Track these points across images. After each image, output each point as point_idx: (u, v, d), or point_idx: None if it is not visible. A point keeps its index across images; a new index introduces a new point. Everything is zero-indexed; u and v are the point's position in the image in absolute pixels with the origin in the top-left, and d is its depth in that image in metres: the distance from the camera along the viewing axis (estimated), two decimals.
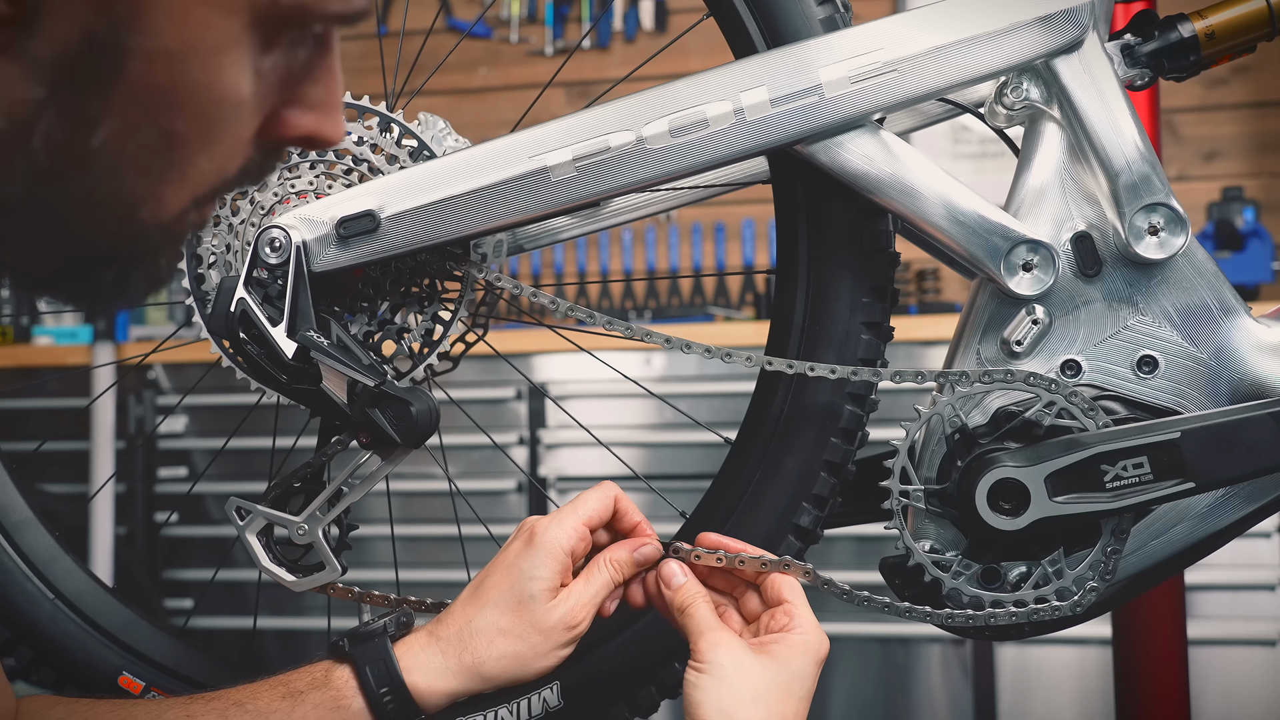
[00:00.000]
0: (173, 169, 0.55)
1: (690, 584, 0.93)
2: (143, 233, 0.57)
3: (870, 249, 1.01)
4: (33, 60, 0.49)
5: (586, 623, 0.93)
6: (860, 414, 1.03)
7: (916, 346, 2.61)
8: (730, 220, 3.41)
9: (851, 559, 2.64)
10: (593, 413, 2.78)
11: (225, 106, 0.54)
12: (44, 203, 0.54)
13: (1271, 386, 0.98)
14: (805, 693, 0.87)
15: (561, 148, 0.97)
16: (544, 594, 0.91)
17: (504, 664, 0.92)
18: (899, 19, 0.96)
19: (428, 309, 1.06)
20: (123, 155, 0.53)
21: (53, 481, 2.98)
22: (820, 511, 1.03)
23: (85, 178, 0.53)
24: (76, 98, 0.51)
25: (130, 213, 0.56)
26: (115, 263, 0.59)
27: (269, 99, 0.56)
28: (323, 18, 0.56)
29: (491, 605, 0.92)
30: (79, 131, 0.52)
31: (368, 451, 1.03)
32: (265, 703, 0.90)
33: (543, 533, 0.93)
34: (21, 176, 0.52)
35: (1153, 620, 1.36)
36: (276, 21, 0.54)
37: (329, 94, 0.59)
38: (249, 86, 0.55)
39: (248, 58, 0.54)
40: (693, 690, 0.85)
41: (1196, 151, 3.23)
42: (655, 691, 1.04)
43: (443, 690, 0.92)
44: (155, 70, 0.51)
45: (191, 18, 0.51)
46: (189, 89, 0.53)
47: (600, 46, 3.52)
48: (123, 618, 1.11)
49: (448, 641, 0.92)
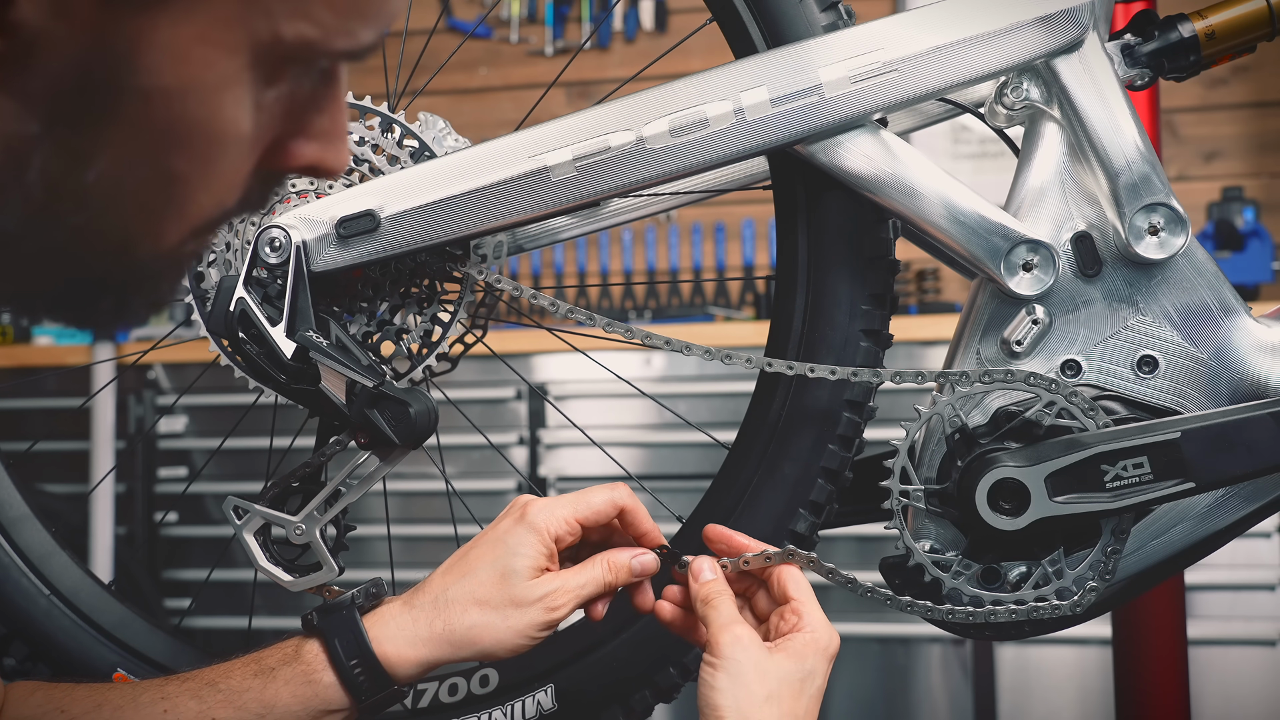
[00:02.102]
0: (171, 205, 0.54)
1: (719, 580, 0.92)
2: (141, 264, 0.56)
3: (870, 256, 1.01)
4: (26, 95, 0.48)
5: (566, 610, 0.91)
6: (858, 421, 1.03)
7: (916, 346, 2.61)
8: (730, 220, 3.40)
9: (851, 559, 2.64)
10: (593, 413, 2.78)
11: (226, 143, 0.53)
12: (39, 236, 0.53)
13: (1271, 386, 0.98)
14: (816, 690, 0.87)
15: (561, 148, 0.97)
16: (528, 570, 0.90)
17: (475, 633, 0.90)
18: (899, 19, 0.96)
19: (427, 310, 1.06)
20: (119, 191, 0.52)
21: (53, 481, 2.98)
22: (816, 518, 1.03)
23: (80, 213, 0.52)
24: (71, 133, 0.50)
25: (127, 246, 0.55)
26: (114, 290, 0.58)
27: (271, 130, 0.55)
28: (329, 55, 0.54)
29: (473, 575, 0.91)
30: (73, 167, 0.51)
31: (366, 452, 1.03)
32: (238, 681, 0.90)
33: (534, 514, 0.92)
34: (15, 210, 0.51)
35: (1153, 620, 1.36)
36: (280, 58, 0.52)
37: (334, 124, 0.58)
38: (250, 122, 0.53)
39: (249, 93, 0.52)
40: (709, 690, 0.85)
41: (1196, 151, 3.22)
42: (650, 695, 1.04)
43: (413, 658, 0.90)
44: (153, 108, 0.50)
45: (192, 56, 0.49)
46: (188, 127, 0.51)
47: (600, 46, 3.52)
48: (119, 615, 1.11)
49: (421, 609, 0.91)
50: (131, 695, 0.90)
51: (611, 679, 1.03)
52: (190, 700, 0.89)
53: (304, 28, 0.51)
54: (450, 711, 0.98)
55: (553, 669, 1.04)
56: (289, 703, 0.89)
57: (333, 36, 0.53)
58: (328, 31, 0.52)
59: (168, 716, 0.88)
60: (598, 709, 1.03)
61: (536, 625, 0.90)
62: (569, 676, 1.00)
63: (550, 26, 3.52)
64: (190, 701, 0.89)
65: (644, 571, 0.94)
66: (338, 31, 0.53)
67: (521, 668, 1.04)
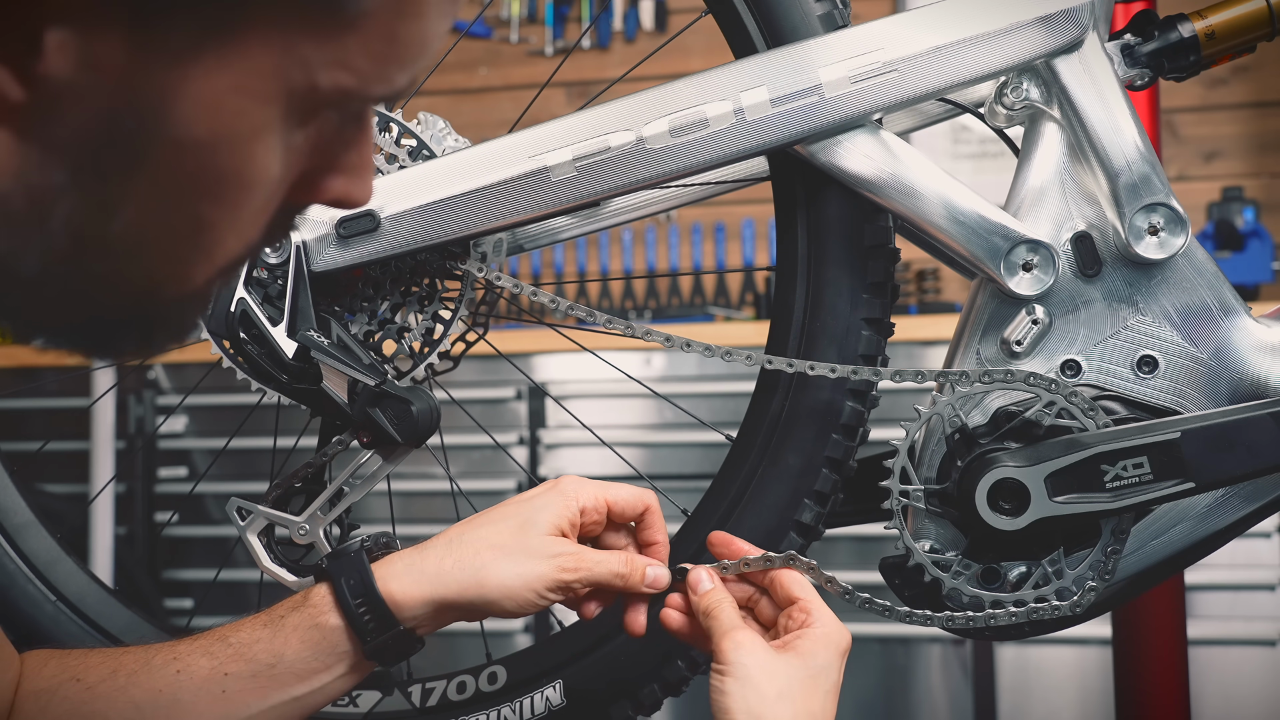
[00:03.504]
0: (199, 250, 0.53)
1: (718, 589, 0.92)
2: (166, 304, 0.55)
3: (870, 244, 1.01)
4: (52, 144, 0.47)
5: (576, 577, 0.90)
6: (861, 410, 1.03)
7: (916, 346, 2.61)
8: (730, 220, 3.41)
9: (851, 559, 2.64)
10: (593, 412, 2.78)
11: (256, 189, 0.52)
12: (62, 281, 0.52)
13: (1271, 386, 0.98)
14: (831, 686, 0.86)
15: (561, 148, 0.97)
16: (548, 525, 0.90)
17: (483, 574, 0.88)
18: (899, 19, 0.96)
19: (428, 308, 1.06)
20: (145, 239, 0.51)
21: (53, 482, 2.98)
22: (822, 508, 1.03)
23: (105, 260, 0.51)
24: (98, 183, 0.49)
25: (153, 291, 0.54)
26: (137, 326, 0.57)
27: (298, 167, 0.54)
28: (365, 100, 0.53)
29: (491, 524, 0.91)
30: (100, 217, 0.49)
31: (368, 451, 1.03)
32: (247, 633, 0.89)
33: (566, 482, 0.93)
34: (39, 257, 0.50)
35: (1153, 620, 1.36)
36: (314, 105, 0.51)
37: (361, 159, 0.57)
38: (281, 166, 0.52)
39: (280, 138, 0.51)
40: (720, 696, 0.84)
41: (1196, 151, 3.22)
42: (658, 689, 1.04)
43: (418, 596, 0.89)
44: (183, 158, 0.49)
45: (225, 107, 0.48)
46: (219, 175, 0.50)
47: (600, 46, 3.52)
48: (125, 620, 1.11)
49: (433, 548, 0.90)
50: (144, 659, 0.89)
51: (620, 674, 1.03)
52: (202, 658, 0.89)
53: (341, 77, 0.50)
54: (459, 709, 0.97)
55: (561, 665, 1.04)
56: (298, 649, 0.88)
57: (370, 84, 0.52)
58: (365, 80, 0.51)
59: (180, 676, 0.88)
60: (606, 704, 1.03)
61: (545, 580, 0.89)
62: (577, 672, 1.00)
63: (550, 26, 3.52)
64: (202, 659, 0.89)
65: (655, 583, 0.93)
66: (375, 79, 0.52)
67: (530, 664, 1.04)
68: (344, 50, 0.50)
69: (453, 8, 0.53)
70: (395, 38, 0.51)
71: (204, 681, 0.88)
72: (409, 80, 0.54)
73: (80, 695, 0.88)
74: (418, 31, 0.52)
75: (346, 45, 0.49)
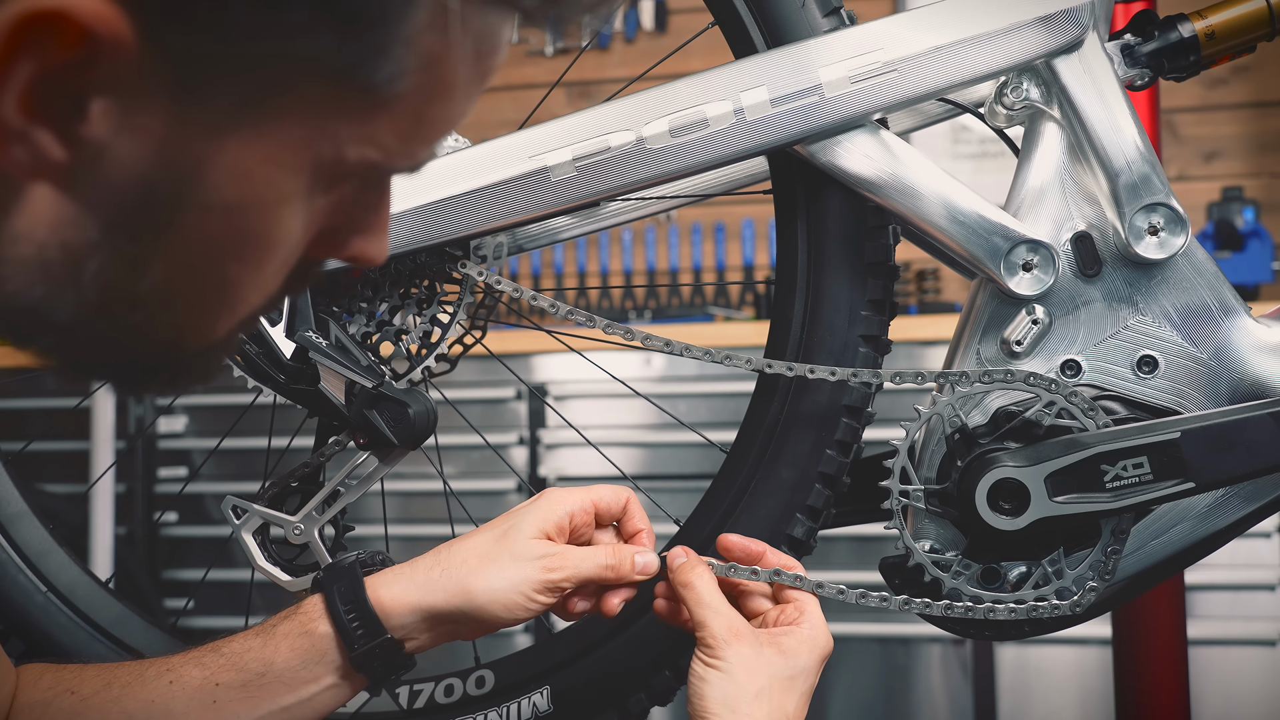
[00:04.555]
0: (223, 306, 0.56)
1: (693, 561, 0.92)
2: (190, 354, 0.58)
3: (870, 261, 1.01)
4: (89, 203, 0.49)
5: (562, 576, 0.90)
6: (856, 426, 1.02)
7: (916, 346, 2.61)
8: (730, 220, 3.40)
9: (851, 559, 2.63)
10: (593, 413, 2.78)
11: (279, 249, 0.54)
12: (93, 329, 0.54)
13: (1271, 386, 0.98)
14: (807, 689, 0.88)
15: (561, 148, 0.97)
16: (531, 528, 0.91)
17: (471, 580, 0.89)
18: (899, 19, 0.96)
19: (426, 311, 1.06)
20: (173, 294, 0.53)
21: (53, 481, 2.98)
22: (814, 523, 1.03)
23: (133, 313, 0.54)
24: (129, 242, 0.51)
25: (179, 341, 0.57)
26: (165, 370, 0.60)
27: (318, 226, 0.56)
28: (389, 172, 0.56)
29: (479, 535, 0.92)
30: (130, 274, 0.52)
31: (365, 452, 1.02)
32: (240, 643, 0.90)
33: (549, 492, 0.94)
34: (72, 306, 0.52)
35: (1153, 620, 1.36)
36: (340, 175, 0.54)
37: (379, 220, 0.59)
38: (303, 228, 0.55)
39: (305, 204, 0.54)
40: (699, 682, 0.86)
41: (1196, 151, 3.22)
42: (645, 698, 1.04)
43: (407, 602, 0.90)
44: (213, 221, 0.51)
45: (255, 176, 0.50)
46: (245, 238, 0.53)
47: (600, 46, 3.52)
48: (116, 612, 1.11)
49: (422, 561, 0.92)
50: (138, 671, 0.91)
51: (607, 681, 1.03)
52: (194, 668, 0.90)
53: (369, 152, 0.53)
54: (446, 712, 0.97)
55: (549, 671, 1.04)
56: (288, 657, 0.89)
57: (395, 159, 0.54)
58: (391, 155, 0.54)
59: (173, 687, 0.89)
60: (593, 711, 1.03)
61: (531, 582, 0.89)
62: (565, 678, 0.99)
63: None
64: (194, 670, 0.90)
65: (645, 569, 0.93)
66: (401, 155, 0.54)
67: (518, 669, 1.04)
68: (373, 128, 0.52)
69: (479, 89, 0.55)
70: (423, 118, 0.53)
71: (195, 692, 0.89)
72: (431, 154, 0.56)
73: (74, 707, 0.89)
74: (445, 113, 0.54)
75: (376, 124, 0.52)
